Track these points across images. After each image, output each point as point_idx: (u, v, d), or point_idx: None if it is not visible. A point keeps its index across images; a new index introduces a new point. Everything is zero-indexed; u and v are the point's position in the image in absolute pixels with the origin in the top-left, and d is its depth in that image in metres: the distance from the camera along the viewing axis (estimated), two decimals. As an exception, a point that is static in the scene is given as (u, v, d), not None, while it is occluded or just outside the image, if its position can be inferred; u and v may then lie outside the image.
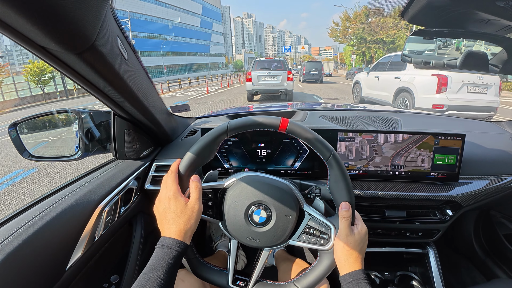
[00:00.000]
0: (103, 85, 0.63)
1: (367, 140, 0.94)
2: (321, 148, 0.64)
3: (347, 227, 0.64)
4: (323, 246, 0.67)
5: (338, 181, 0.65)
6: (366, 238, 0.67)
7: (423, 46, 1.06)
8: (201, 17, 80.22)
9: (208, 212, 0.70)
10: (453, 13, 0.74)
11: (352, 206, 0.65)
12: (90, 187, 0.80)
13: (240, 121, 0.64)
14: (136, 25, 49.96)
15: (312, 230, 0.67)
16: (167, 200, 0.61)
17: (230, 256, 0.73)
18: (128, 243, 0.99)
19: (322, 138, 0.65)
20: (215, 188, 0.71)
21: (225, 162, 1.00)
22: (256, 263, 0.73)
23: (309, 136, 0.64)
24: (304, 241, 0.68)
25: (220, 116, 1.41)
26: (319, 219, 0.68)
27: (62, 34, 0.42)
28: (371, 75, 7.83)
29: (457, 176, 0.95)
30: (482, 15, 0.71)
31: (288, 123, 0.63)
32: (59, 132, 0.95)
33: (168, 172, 0.65)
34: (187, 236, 0.60)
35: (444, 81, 5.21)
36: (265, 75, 9.78)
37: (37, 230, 0.61)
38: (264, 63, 10.20)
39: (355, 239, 0.64)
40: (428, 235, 1.02)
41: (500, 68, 0.87)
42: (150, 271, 0.54)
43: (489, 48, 0.90)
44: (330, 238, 0.66)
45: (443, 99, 5.27)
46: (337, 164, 0.64)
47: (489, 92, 5.28)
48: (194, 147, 0.64)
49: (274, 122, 0.63)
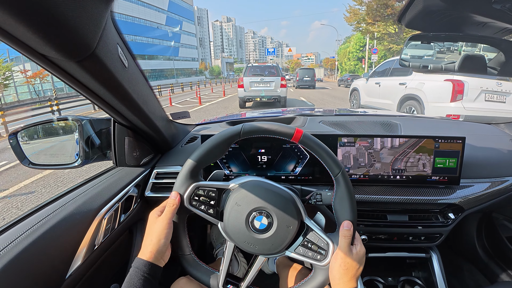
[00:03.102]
0: (104, 92, 0.63)
1: (364, 147, 0.94)
2: (331, 164, 0.64)
3: (347, 246, 0.63)
4: (319, 262, 0.66)
5: (343, 199, 0.65)
6: (363, 261, 0.66)
7: (422, 51, 1.07)
8: (168, 13, 67.94)
9: (209, 211, 0.69)
10: (450, 16, 0.75)
11: (354, 225, 0.65)
12: (90, 194, 0.79)
13: (255, 125, 0.64)
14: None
15: (310, 244, 0.67)
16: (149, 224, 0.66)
17: (224, 258, 0.72)
18: (128, 251, 0.98)
19: (333, 154, 0.65)
20: (219, 188, 0.70)
21: (225, 168, 0.99)
22: (249, 268, 0.73)
23: (320, 150, 0.64)
24: (300, 253, 0.67)
25: (220, 122, 1.42)
26: (319, 234, 0.67)
27: (63, 42, 0.42)
28: (371, 82, 7.21)
29: (458, 179, 0.95)
30: (479, 18, 0.72)
31: (302, 134, 0.63)
32: (59, 139, 0.94)
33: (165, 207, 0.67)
34: (160, 256, 0.63)
35: (460, 87, 4.48)
36: (257, 81, 9.59)
37: (37, 238, 0.61)
38: (256, 69, 10.03)
39: (352, 259, 0.63)
40: (431, 239, 1.02)
41: (498, 70, 0.87)
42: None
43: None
44: (327, 254, 0.66)
45: (458, 109, 4.51)
46: (345, 182, 0.65)
47: (508, 101, 4.58)
48: (207, 142, 0.65)
49: (288, 131, 0.64)
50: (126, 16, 51.51)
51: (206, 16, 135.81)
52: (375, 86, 6.98)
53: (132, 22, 53.66)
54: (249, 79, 9.63)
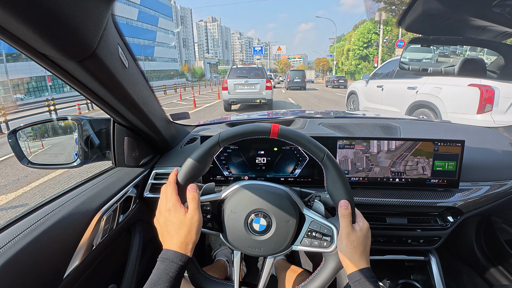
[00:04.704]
0: (104, 92, 0.63)
1: (361, 151, 0.94)
2: (314, 150, 0.63)
3: (348, 225, 0.63)
4: (327, 248, 0.66)
5: (335, 181, 0.64)
6: (369, 235, 0.65)
7: (422, 54, 1.07)
8: (140, 7, 61.61)
9: (208, 225, 0.69)
10: (450, 20, 0.75)
11: (351, 203, 0.64)
12: (89, 194, 0.79)
13: (231, 131, 0.63)
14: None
15: (314, 233, 0.66)
16: (167, 211, 0.60)
17: (234, 268, 0.72)
18: (126, 251, 0.98)
19: (315, 140, 0.64)
20: (212, 201, 0.70)
21: (225, 170, 0.99)
22: (261, 272, 0.72)
23: (301, 139, 0.63)
24: (307, 245, 0.67)
25: (220, 123, 1.42)
26: (320, 221, 0.67)
27: (63, 41, 0.42)
28: (372, 84, 6.21)
29: (457, 182, 0.95)
30: (479, 21, 0.72)
31: (278, 128, 0.62)
32: (59, 139, 0.94)
33: (167, 183, 0.64)
34: (189, 249, 0.59)
35: (490, 95, 3.41)
36: (242, 84, 9.39)
37: (35, 238, 0.60)
38: (241, 71, 9.87)
39: (357, 236, 0.62)
40: (430, 242, 1.02)
41: (497, 74, 0.87)
42: (152, 285, 0.53)
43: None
44: (333, 239, 0.65)
45: (487, 122, 3.43)
46: (332, 164, 0.64)
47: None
48: (189, 158, 0.64)
49: (265, 129, 0.63)
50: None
51: (190, 15, 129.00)
52: (377, 90, 5.95)
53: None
54: (233, 81, 9.46)
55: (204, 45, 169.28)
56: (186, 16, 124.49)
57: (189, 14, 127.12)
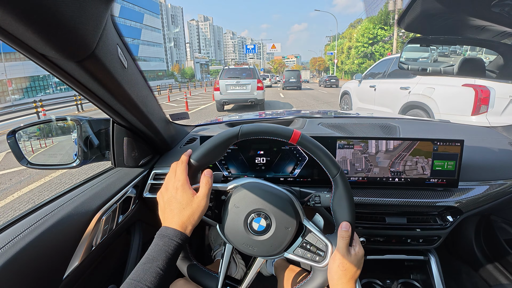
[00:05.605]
0: (103, 93, 0.63)
1: (359, 151, 0.94)
2: (329, 165, 0.64)
3: (345, 247, 0.63)
4: (318, 263, 0.66)
5: (341, 200, 0.65)
6: (361, 262, 0.65)
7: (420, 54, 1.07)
8: (123, 2, 57.05)
9: (208, 213, 0.69)
10: (449, 20, 0.75)
11: (352, 226, 0.64)
12: (88, 195, 0.79)
13: (252, 126, 0.64)
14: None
15: (309, 246, 0.67)
16: (175, 189, 0.60)
17: (223, 260, 0.72)
18: (126, 251, 0.98)
19: (331, 155, 0.64)
20: (217, 190, 0.70)
21: (224, 170, 0.99)
22: (248, 270, 0.72)
23: (318, 151, 0.64)
24: (299, 255, 0.67)
25: (219, 124, 1.42)
26: (318, 236, 0.67)
27: (63, 42, 0.42)
28: (365, 85, 6.08)
29: (456, 182, 0.95)
30: (478, 21, 0.72)
31: (299, 136, 0.63)
32: (58, 139, 0.94)
33: (179, 161, 0.64)
34: (188, 230, 0.59)
35: (485, 95, 3.25)
36: (233, 84, 9.50)
37: (35, 238, 0.60)
38: (234, 71, 9.97)
39: (351, 260, 0.62)
40: (429, 242, 1.02)
41: (497, 73, 0.87)
42: (149, 261, 0.52)
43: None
44: (326, 256, 0.65)
45: (482, 124, 3.15)
46: (343, 183, 0.64)
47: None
48: (207, 142, 0.64)
49: (286, 133, 0.63)
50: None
51: (181, 14, 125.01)
52: (369, 90, 5.80)
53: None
54: (225, 82, 9.55)
55: (195, 44, 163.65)
56: (177, 15, 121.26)
57: (180, 12, 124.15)
